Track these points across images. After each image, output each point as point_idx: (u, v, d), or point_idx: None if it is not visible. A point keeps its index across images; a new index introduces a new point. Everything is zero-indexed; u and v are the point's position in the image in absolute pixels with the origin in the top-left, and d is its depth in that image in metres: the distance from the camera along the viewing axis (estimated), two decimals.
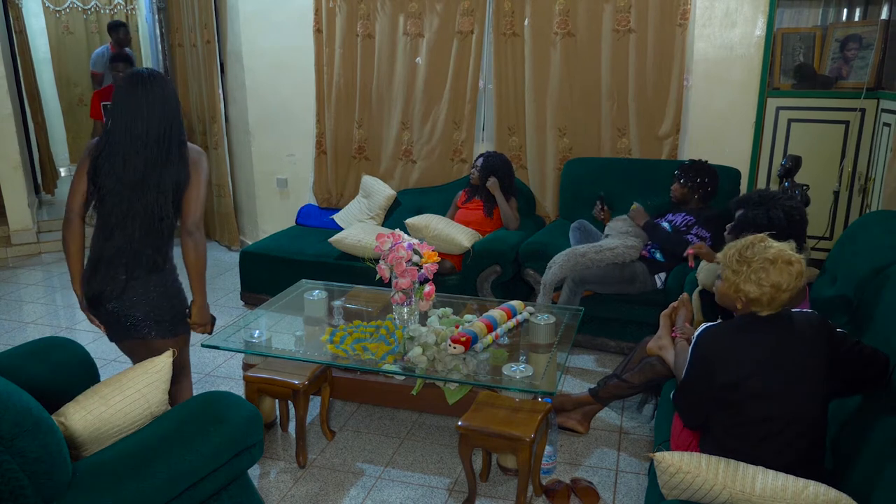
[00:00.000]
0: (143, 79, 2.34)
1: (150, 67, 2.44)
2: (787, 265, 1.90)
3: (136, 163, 2.33)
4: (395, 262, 2.87)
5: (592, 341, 3.89)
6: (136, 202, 2.34)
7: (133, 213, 2.34)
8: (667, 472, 1.76)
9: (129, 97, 2.33)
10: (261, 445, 2.20)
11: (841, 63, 4.12)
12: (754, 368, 1.87)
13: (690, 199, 3.77)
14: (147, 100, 2.32)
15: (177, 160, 2.36)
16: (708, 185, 3.74)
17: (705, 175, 3.74)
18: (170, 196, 2.36)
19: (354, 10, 4.89)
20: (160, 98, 2.34)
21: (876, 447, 1.83)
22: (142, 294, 2.41)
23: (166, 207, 2.36)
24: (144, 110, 2.32)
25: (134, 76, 2.36)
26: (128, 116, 2.33)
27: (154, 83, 2.34)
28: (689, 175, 3.75)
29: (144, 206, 2.34)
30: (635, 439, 3.04)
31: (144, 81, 2.34)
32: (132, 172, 2.33)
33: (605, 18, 4.30)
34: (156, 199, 2.34)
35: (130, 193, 2.34)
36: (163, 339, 2.50)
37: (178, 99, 2.42)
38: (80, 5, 8.46)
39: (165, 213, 2.37)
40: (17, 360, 2.24)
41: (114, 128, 2.35)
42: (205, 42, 5.48)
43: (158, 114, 2.33)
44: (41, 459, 1.58)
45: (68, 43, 8.49)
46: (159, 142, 2.33)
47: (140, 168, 2.33)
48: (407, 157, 5.03)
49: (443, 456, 2.92)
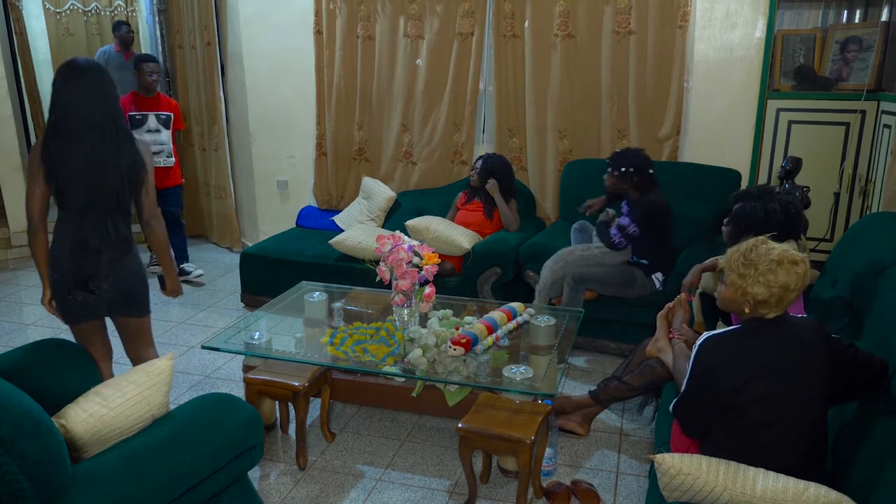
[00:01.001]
0: (82, 68, 2.41)
1: (88, 58, 2.56)
2: (793, 265, 1.90)
3: (85, 148, 2.39)
4: (395, 263, 2.87)
5: (593, 343, 3.89)
6: (96, 187, 2.43)
7: (96, 197, 2.44)
8: (667, 473, 1.76)
9: (69, 85, 2.39)
10: (261, 447, 2.20)
11: (841, 65, 4.12)
12: (757, 372, 1.86)
13: (623, 189, 3.66)
14: (87, 87, 2.38)
15: (129, 148, 2.47)
16: (634, 175, 3.58)
17: (630, 164, 3.59)
18: (125, 181, 2.46)
19: (355, 11, 4.90)
20: (99, 86, 2.40)
21: (875, 448, 1.83)
22: (121, 273, 2.56)
23: (123, 192, 2.47)
24: (85, 97, 2.38)
25: (72, 65, 2.42)
26: (70, 104, 2.38)
27: (92, 72, 2.41)
28: (616, 164, 3.64)
29: (104, 190, 2.44)
30: (636, 441, 3.03)
31: (84, 70, 2.40)
32: (88, 154, 2.40)
33: (606, 20, 4.31)
34: (113, 184, 2.44)
35: (89, 178, 2.41)
36: (145, 315, 2.73)
37: (116, 91, 2.48)
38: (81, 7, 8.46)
39: (122, 198, 2.48)
40: (17, 361, 2.24)
41: (56, 118, 2.41)
42: (205, 43, 5.49)
43: (99, 100, 2.40)
44: (41, 462, 1.58)
45: (69, 44, 8.46)
46: (104, 128, 2.40)
47: (90, 153, 2.40)
48: (407, 159, 5.03)
49: (443, 458, 2.92)
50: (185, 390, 3.49)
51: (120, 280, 2.56)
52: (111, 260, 2.52)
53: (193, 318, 4.49)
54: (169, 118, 4.85)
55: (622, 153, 3.66)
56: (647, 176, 3.60)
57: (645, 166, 3.60)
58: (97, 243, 2.48)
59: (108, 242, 2.51)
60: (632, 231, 3.52)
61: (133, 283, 2.62)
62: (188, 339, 4.14)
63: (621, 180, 3.62)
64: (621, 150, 3.71)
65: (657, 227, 3.58)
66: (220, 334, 3.08)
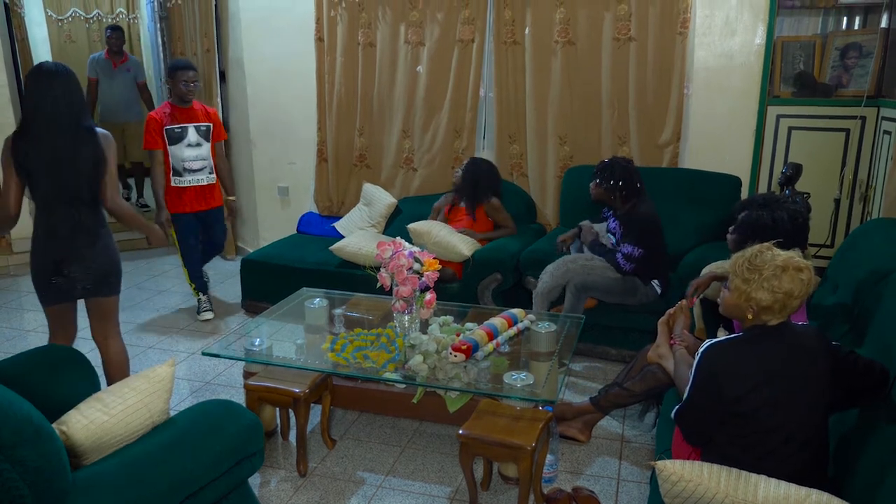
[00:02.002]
0: (49, 71, 2.67)
1: (56, 62, 2.83)
2: (798, 272, 1.89)
3: (48, 145, 2.63)
4: (396, 270, 2.87)
5: (593, 349, 3.89)
6: (63, 178, 2.66)
7: (61, 190, 2.67)
8: (668, 480, 1.76)
9: (36, 87, 2.65)
10: (261, 454, 2.19)
11: (841, 71, 4.13)
12: (760, 380, 1.86)
13: (609, 200, 3.64)
14: (51, 88, 2.63)
15: (88, 140, 2.68)
16: (623, 189, 3.55)
17: (618, 177, 3.55)
18: (84, 175, 2.69)
19: (356, 18, 4.91)
20: (62, 87, 2.64)
21: (877, 455, 1.83)
22: (93, 258, 2.78)
23: (82, 185, 2.69)
24: (49, 97, 2.62)
25: (40, 69, 2.69)
26: (37, 104, 2.63)
27: (58, 75, 2.66)
28: (604, 175, 3.60)
29: (70, 180, 2.66)
30: (637, 448, 3.03)
31: (51, 72, 2.66)
32: (51, 151, 2.64)
33: (606, 27, 4.32)
34: (74, 178, 2.67)
35: (53, 173, 2.66)
36: (114, 294, 2.94)
37: (78, 87, 2.72)
38: (83, 14, 8.49)
39: (82, 191, 2.70)
40: (18, 368, 2.24)
41: (27, 116, 2.67)
42: (205, 50, 5.50)
43: (62, 100, 2.63)
44: (41, 468, 1.57)
45: (70, 51, 8.50)
46: (66, 126, 2.64)
47: (52, 150, 2.64)
48: (408, 165, 5.04)
49: (444, 464, 2.91)
50: (185, 396, 3.49)
51: (91, 265, 2.78)
52: (82, 245, 2.76)
53: (194, 325, 4.49)
54: (209, 129, 4.41)
55: (609, 164, 3.62)
56: (636, 189, 3.58)
57: (633, 178, 3.57)
58: (66, 231, 2.72)
59: (78, 231, 2.74)
60: (637, 254, 3.53)
61: (105, 266, 2.83)
62: (189, 346, 4.14)
63: (608, 192, 3.61)
64: (608, 161, 3.66)
65: (654, 241, 3.58)
66: (221, 340, 3.09)
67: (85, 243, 2.76)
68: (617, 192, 3.58)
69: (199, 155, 4.36)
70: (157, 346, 4.16)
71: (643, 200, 3.59)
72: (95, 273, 2.81)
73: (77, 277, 2.78)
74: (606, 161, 3.68)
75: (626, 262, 3.54)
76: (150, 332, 4.38)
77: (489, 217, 4.38)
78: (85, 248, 2.76)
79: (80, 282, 2.80)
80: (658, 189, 4.04)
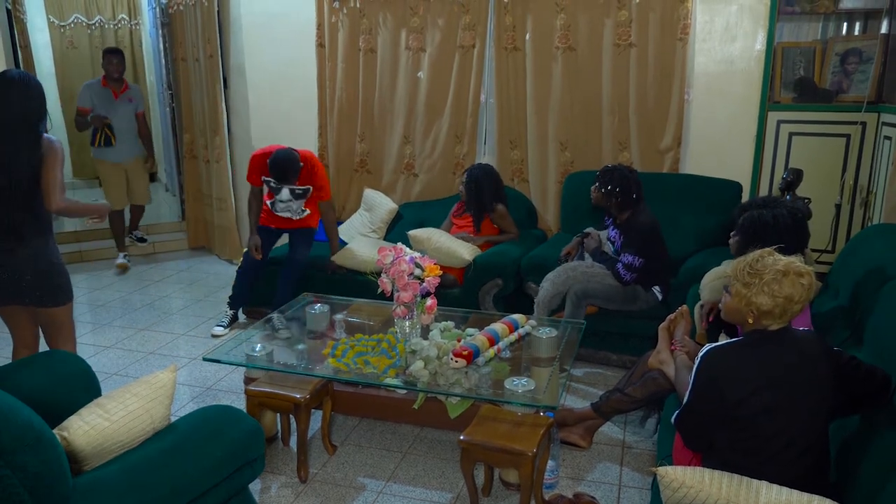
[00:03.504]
0: (6, 79, 2.76)
1: (20, 70, 2.93)
2: (798, 277, 1.89)
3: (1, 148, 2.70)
4: (396, 275, 2.87)
5: (594, 355, 3.88)
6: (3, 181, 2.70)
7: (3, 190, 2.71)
8: (670, 486, 1.76)
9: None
10: (262, 460, 2.19)
11: (841, 77, 4.14)
12: (761, 385, 1.85)
13: (606, 206, 3.65)
14: (7, 96, 2.71)
15: (30, 145, 2.72)
16: (619, 196, 3.55)
17: (616, 184, 3.55)
18: (26, 176, 2.71)
19: (357, 24, 4.93)
20: (19, 94, 2.72)
21: (879, 461, 1.83)
22: (23, 262, 2.77)
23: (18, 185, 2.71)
24: (5, 102, 2.71)
25: (3, 76, 2.78)
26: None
27: (15, 83, 2.75)
28: (603, 181, 3.61)
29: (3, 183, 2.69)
30: (638, 454, 3.02)
31: (7, 81, 2.75)
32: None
33: (606, 33, 4.33)
34: (10, 178, 2.70)
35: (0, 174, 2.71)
36: (49, 306, 2.88)
37: (38, 95, 2.78)
38: (85, 20, 8.52)
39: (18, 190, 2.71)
40: (18, 373, 2.24)
41: None
42: (207, 56, 5.52)
43: (16, 109, 2.71)
44: (42, 474, 1.57)
45: (72, 57, 8.54)
46: (12, 130, 2.70)
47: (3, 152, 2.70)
48: (409, 171, 5.05)
49: (445, 470, 2.91)
50: (186, 402, 3.48)
51: (8, 268, 2.77)
52: (9, 248, 2.76)
53: (195, 330, 4.49)
54: (306, 192, 4.24)
55: (610, 170, 3.63)
56: (631, 199, 3.58)
57: (630, 189, 3.57)
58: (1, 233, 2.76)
59: (8, 233, 2.75)
60: (637, 264, 3.52)
61: (29, 274, 2.79)
62: (190, 351, 4.14)
63: (607, 197, 3.61)
64: (611, 167, 3.67)
65: (655, 249, 3.58)
66: (222, 346, 3.08)
67: (11, 246, 2.76)
68: (613, 198, 3.58)
69: (289, 207, 4.27)
70: (157, 351, 4.15)
71: (641, 210, 3.59)
72: (14, 279, 2.78)
73: (8, 280, 2.77)
74: (609, 167, 3.69)
75: (627, 272, 3.54)
76: (151, 337, 4.38)
77: (494, 224, 4.38)
78: (12, 251, 2.76)
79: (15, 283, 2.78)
80: (659, 194, 4.05)
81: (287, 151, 4.07)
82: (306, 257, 4.34)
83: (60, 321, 2.95)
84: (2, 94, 2.73)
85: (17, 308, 2.89)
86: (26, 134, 2.72)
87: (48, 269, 2.84)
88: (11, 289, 2.80)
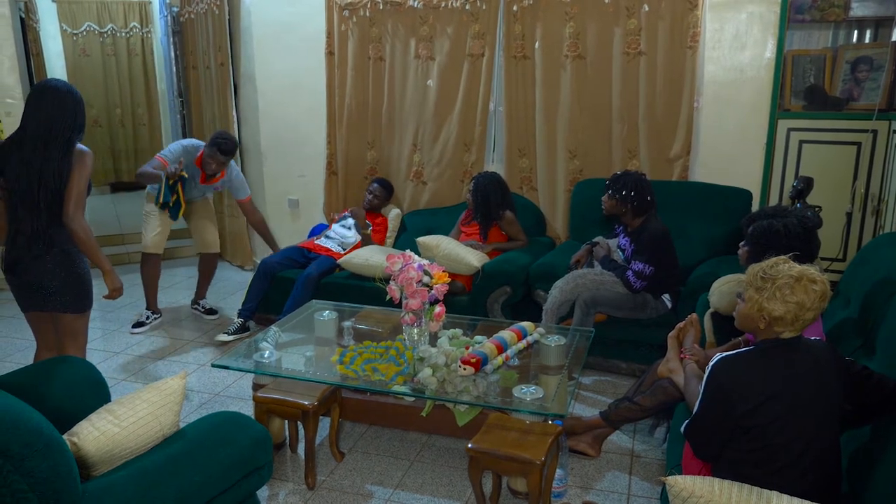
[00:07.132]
0: (44, 87, 2.80)
1: (58, 79, 2.94)
2: (811, 283, 1.89)
3: (23, 155, 2.75)
4: (405, 282, 2.87)
5: (604, 363, 3.87)
6: (24, 189, 2.75)
7: (24, 197, 2.76)
8: (679, 496, 1.74)
9: (29, 101, 2.79)
10: (270, 466, 2.19)
11: (852, 84, 4.12)
12: (771, 394, 1.84)
13: (621, 212, 3.63)
14: (41, 104, 2.76)
15: (58, 156, 2.75)
16: (634, 199, 3.53)
17: (631, 188, 3.53)
18: (43, 186, 2.74)
19: (366, 33, 4.95)
20: (53, 103, 2.75)
21: (891, 471, 1.81)
22: (37, 268, 2.80)
23: (40, 195, 2.74)
24: (37, 113, 2.75)
25: (38, 85, 2.85)
26: (26, 117, 2.78)
27: (53, 91, 2.77)
28: (616, 187, 3.59)
29: (33, 187, 2.74)
30: (647, 463, 3.00)
31: (44, 89, 2.79)
32: (17, 163, 2.76)
33: (616, 41, 4.33)
34: (39, 183, 2.73)
35: (20, 180, 2.76)
36: (63, 311, 2.89)
37: (72, 105, 2.79)
38: (97, 28, 8.60)
39: (39, 201, 2.75)
40: (28, 379, 2.25)
41: (21, 125, 2.80)
42: (218, 64, 5.56)
43: (47, 116, 2.74)
44: (51, 480, 1.58)
45: (84, 65, 8.61)
46: (44, 140, 2.73)
47: (22, 161, 2.74)
48: (417, 179, 5.06)
49: (452, 478, 2.90)
50: (194, 408, 3.49)
51: (35, 274, 2.80)
52: (35, 254, 2.79)
53: (204, 337, 4.50)
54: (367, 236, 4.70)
55: (622, 176, 3.62)
56: (646, 203, 3.57)
57: (645, 192, 3.56)
58: (24, 238, 2.79)
59: (34, 238, 2.78)
60: (648, 272, 3.51)
61: (45, 278, 2.81)
62: (199, 357, 4.15)
63: (620, 204, 3.59)
64: (621, 173, 3.66)
65: (666, 257, 3.57)
66: (231, 352, 3.09)
67: (37, 252, 2.78)
68: (628, 203, 3.56)
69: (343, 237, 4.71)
70: (167, 357, 4.17)
71: (654, 216, 3.59)
72: (34, 283, 2.81)
73: (32, 286, 2.82)
74: (619, 173, 3.68)
75: (637, 280, 3.53)
76: (160, 343, 4.39)
77: (503, 231, 4.38)
78: (36, 256, 2.78)
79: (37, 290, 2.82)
80: (668, 203, 4.03)
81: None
82: (322, 277, 4.36)
83: (76, 329, 2.96)
84: (37, 102, 2.77)
85: (41, 314, 2.93)
86: (58, 142, 2.74)
87: (75, 277, 2.87)
88: (38, 295, 2.84)
